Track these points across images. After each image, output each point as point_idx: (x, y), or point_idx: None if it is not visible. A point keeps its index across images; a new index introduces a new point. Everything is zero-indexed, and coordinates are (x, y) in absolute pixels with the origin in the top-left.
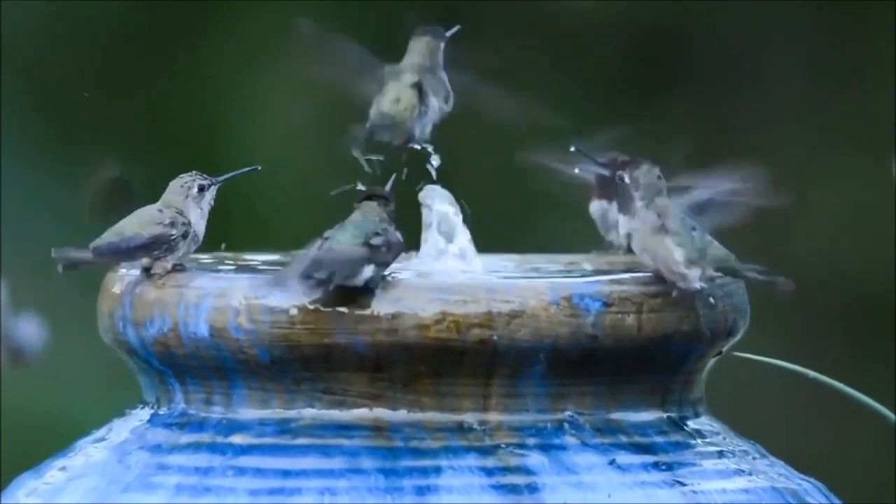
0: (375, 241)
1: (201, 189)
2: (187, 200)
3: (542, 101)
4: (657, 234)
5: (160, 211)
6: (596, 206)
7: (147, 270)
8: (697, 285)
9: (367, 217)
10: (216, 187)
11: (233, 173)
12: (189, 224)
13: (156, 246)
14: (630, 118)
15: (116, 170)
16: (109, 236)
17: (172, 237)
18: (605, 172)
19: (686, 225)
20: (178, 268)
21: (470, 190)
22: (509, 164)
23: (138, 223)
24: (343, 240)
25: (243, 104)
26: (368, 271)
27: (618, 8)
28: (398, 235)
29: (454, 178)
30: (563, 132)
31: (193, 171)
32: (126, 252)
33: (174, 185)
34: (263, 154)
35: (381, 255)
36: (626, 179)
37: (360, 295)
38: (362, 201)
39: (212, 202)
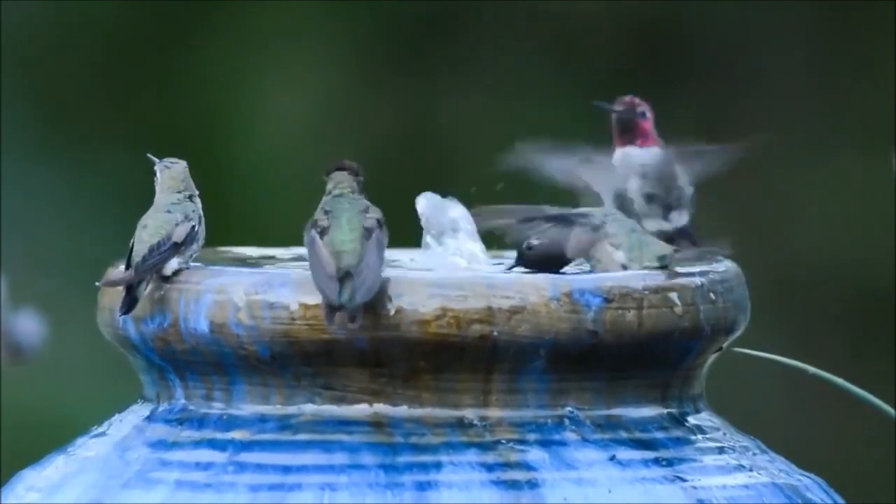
0: (369, 222)
1: None
2: (192, 185)
3: (543, 101)
4: (596, 239)
5: (168, 212)
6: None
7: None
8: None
9: (347, 195)
10: None
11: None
12: (197, 209)
13: (183, 245)
14: None
15: None
16: (142, 249)
17: (195, 228)
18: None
19: (625, 227)
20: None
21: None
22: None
23: (163, 228)
24: (342, 237)
25: (243, 103)
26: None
27: (618, 7)
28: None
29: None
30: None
31: (172, 158)
32: (161, 260)
33: (182, 169)
34: (263, 153)
35: (380, 233)
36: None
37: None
38: (333, 172)
39: None
